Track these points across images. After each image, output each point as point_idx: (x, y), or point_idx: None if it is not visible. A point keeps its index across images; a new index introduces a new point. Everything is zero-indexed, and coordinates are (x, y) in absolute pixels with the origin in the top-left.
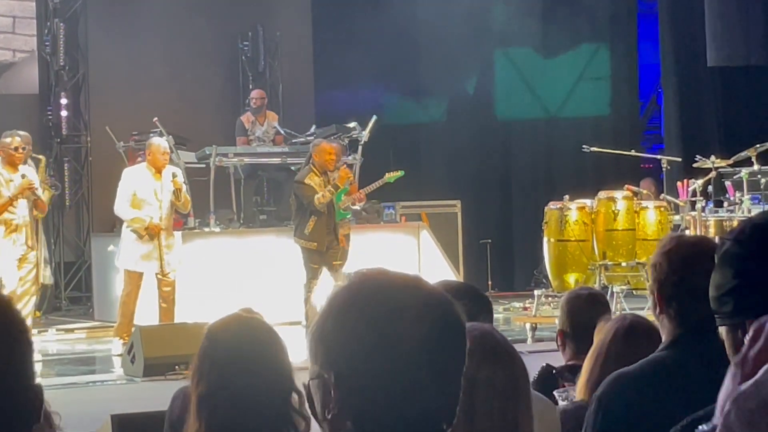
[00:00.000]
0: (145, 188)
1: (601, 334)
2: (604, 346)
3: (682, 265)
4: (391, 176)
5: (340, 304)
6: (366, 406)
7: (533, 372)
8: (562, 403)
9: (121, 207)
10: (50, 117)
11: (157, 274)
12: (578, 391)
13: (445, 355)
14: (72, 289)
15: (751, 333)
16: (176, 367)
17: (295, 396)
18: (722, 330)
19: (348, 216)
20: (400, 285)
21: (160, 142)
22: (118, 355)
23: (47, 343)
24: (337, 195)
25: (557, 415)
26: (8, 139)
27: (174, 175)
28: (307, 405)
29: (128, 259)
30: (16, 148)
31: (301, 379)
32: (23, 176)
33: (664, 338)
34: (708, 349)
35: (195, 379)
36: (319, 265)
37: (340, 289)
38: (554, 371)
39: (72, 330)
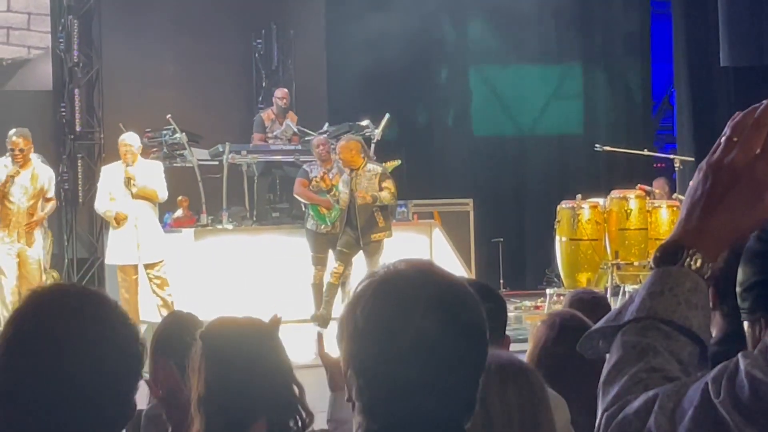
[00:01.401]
0: (116, 182)
1: (532, 340)
2: (534, 355)
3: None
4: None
5: (359, 292)
6: (374, 396)
7: None
8: None
9: (97, 202)
10: (64, 113)
11: (144, 267)
12: None
13: (456, 353)
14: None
15: (728, 132)
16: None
17: (296, 389)
18: (745, 325)
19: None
20: (415, 278)
21: (124, 137)
22: None
23: None
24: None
25: (568, 413)
26: (13, 138)
27: (126, 164)
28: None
29: (112, 254)
30: (12, 150)
31: (302, 378)
32: (16, 171)
33: (714, 334)
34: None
35: (193, 380)
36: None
37: (365, 281)
38: None
39: None
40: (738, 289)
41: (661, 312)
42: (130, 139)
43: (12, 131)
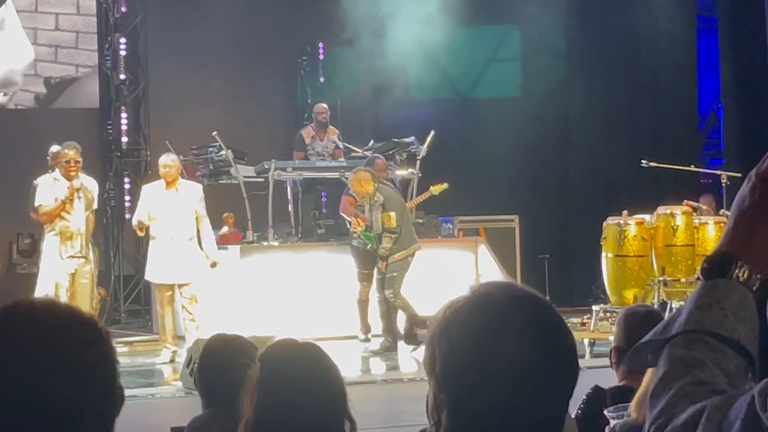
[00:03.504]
0: (158, 202)
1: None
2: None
3: None
4: (435, 189)
5: (451, 315)
6: (468, 418)
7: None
8: (614, 423)
9: (134, 219)
10: (110, 131)
11: (177, 285)
12: (632, 407)
13: (551, 375)
14: (131, 302)
15: None
16: None
17: (348, 423)
18: None
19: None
20: (507, 300)
21: (163, 159)
22: (163, 364)
23: None
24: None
25: (574, 423)
26: (65, 150)
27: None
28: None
29: (150, 272)
30: (68, 161)
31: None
32: (80, 185)
33: None
34: None
35: (245, 401)
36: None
37: (454, 301)
38: (604, 394)
39: (131, 343)
40: None
41: (709, 325)
42: (173, 161)
43: (54, 148)
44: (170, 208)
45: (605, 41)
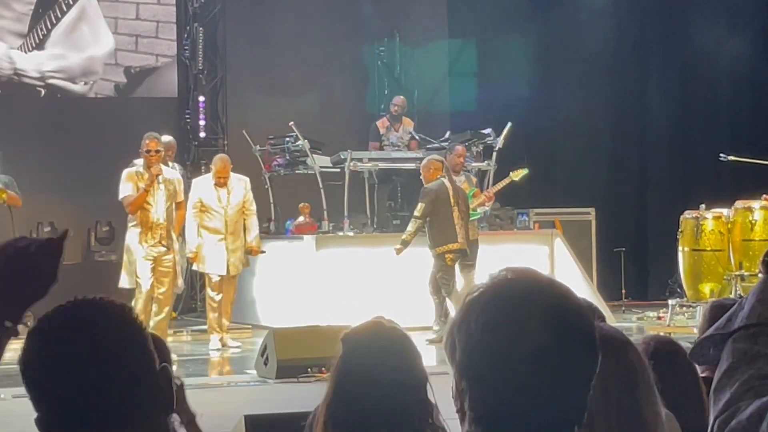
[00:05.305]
0: (209, 195)
1: None
2: None
3: None
4: (516, 174)
5: (470, 303)
6: (488, 405)
7: None
8: None
9: (189, 221)
10: (188, 120)
11: (228, 276)
12: None
13: (570, 362)
14: None
15: None
16: (309, 369)
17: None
18: None
19: (477, 216)
20: (524, 288)
21: (217, 161)
22: (215, 350)
23: (182, 343)
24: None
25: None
26: (145, 141)
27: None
28: (438, 416)
29: (202, 263)
30: (148, 151)
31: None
32: (159, 170)
33: None
34: None
35: (330, 385)
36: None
37: (477, 287)
38: None
39: (206, 331)
40: None
41: None
42: (224, 163)
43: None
44: (221, 202)
45: (684, 34)
